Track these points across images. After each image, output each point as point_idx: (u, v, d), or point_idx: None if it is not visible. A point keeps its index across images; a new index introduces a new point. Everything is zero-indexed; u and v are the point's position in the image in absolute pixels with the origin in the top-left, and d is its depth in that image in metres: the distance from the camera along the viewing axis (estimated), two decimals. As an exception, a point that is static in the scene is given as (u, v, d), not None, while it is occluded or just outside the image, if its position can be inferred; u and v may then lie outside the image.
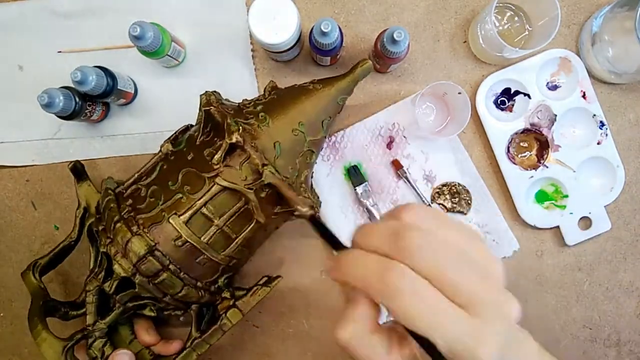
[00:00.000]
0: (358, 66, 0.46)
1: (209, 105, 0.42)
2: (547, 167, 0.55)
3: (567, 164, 0.55)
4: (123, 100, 0.54)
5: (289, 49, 0.50)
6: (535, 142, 0.55)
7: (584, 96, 0.54)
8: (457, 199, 0.55)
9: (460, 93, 0.50)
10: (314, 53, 0.52)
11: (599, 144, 0.54)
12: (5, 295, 0.58)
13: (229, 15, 0.55)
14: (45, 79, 0.52)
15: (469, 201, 0.55)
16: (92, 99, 0.51)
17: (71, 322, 0.49)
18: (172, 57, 0.52)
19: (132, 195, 0.44)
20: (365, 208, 0.54)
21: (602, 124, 0.54)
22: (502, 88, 0.55)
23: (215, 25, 0.55)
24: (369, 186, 0.55)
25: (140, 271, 0.41)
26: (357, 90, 0.56)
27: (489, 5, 0.49)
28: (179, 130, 0.49)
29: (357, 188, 0.54)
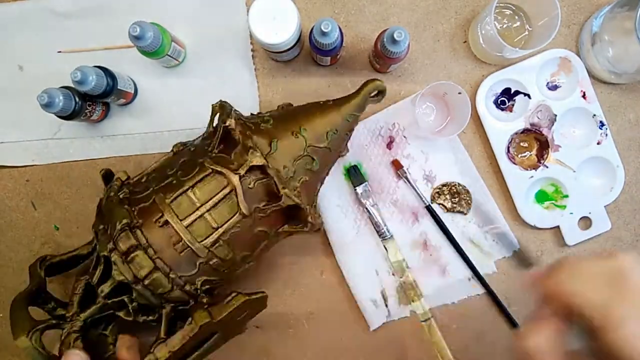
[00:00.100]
0: (367, 84, 0.46)
1: (219, 106, 0.44)
2: (547, 167, 0.55)
3: (567, 164, 0.55)
4: (123, 100, 0.54)
5: (289, 49, 0.50)
6: (535, 142, 0.55)
7: (584, 96, 0.54)
8: (457, 199, 0.55)
9: (460, 93, 0.50)
10: (314, 53, 0.52)
11: (599, 144, 0.54)
12: (5, 295, 0.58)
13: (229, 15, 0.55)
14: (45, 79, 0.52)
15: (469, 201, 0.55)
16: (92, 99, 0.51)
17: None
18: (172, 57, 0.52)
19: (134, 183, 0.46)
20: (365, 208, 0.54)
21: (602, 124, 0.54)
22: (502, 88, 0.55)
23: (215, 25, 0.55)
24: (369, 186, 0.55)
25: (117, 247, 0.41)
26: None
27: (489, 5, 0.49)
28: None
29: (357, 188, 0.54)
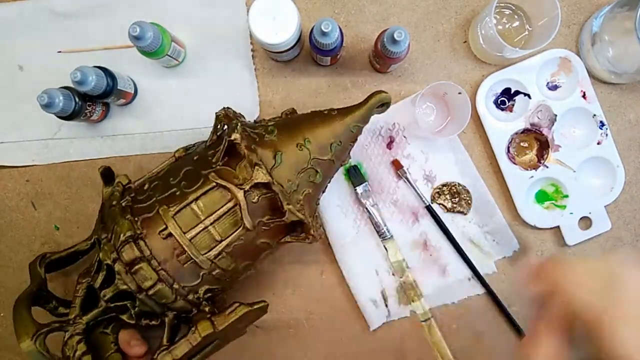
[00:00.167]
0: (373, 96, 0.45)
1: (223, 115, 0.44)
2: (547, 167, 0.55)
3: (567, 164, 0.55)
4: (123, 101, 0.54)
5: (289, 49, 0.50)
6: (536, 142, 0.55)
7: (584, 96, 0.54)
8: (457, 199, 0.55)
9: (460, 93, 0.50)
10: (314, 53, 0.52)
11: (599, 144, 0.54)
12: (5, 295, 0.58)
13: (229, 16, 0.55)
14: (45, 79, 0.51)
15: (469, 201, 0.55)
16: (92, 99, 0.51)
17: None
18: (172, 57, 0.52)
19: (136, 189, 0.45)
20: (365, 208, 0.54)
21: (602, 124, 0.54)
22: (502, 88, 0.55)
23: (215, 26, 0.55)
24: (369, 186, 0.55)
25: (121, 258, 0.40)
26: (357, 90, 0.56)
27: (489, 5, 0.49)
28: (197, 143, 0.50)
29: (357, 188, 0.54)
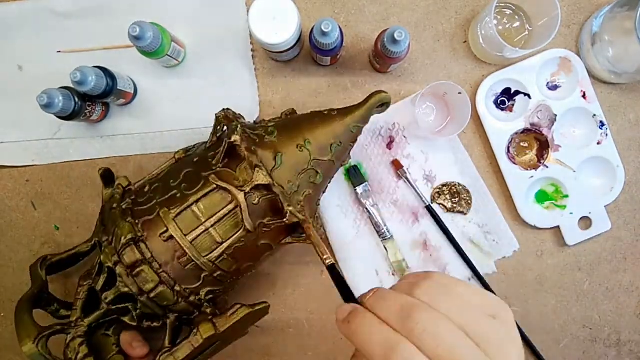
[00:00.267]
0: (373, 96, 0.45)
1: (223, 116, 0.44)
2: (547, 167, 0.55)
3: (567, 164, 0.55)
4: (123, 101, 0.54)
5: (289, 49, 0.50)
6: (536, 142, 0.55)
7: (584, 96, 0.54)
8: (457, 199, 0.55)
9: (460, 93, 0.50)
10: (314, 53, 0.52)
11: (599, 144, 0.54)
12: (5, 295, 0.58)
13: (229, 15, 0.55)
14: (45, 79, 0.51)
15: (469, 201, 0.55)
16: (92, 99, 0.51)
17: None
18: (172, 57, 0.52)
19: (137, 191, 0.45)
20: (365, 208, 0.54)
21: (602, 124, 0.54)
22: (502, 88, 0.55)
23: (215, 25, 0.55)
24: (369, 186, 0.55)
25: (122, 260, 0.40)
26: (357, 90, 0.56)
27: (489, 5, 0.49)
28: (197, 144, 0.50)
29: (357, 188, 0.54)
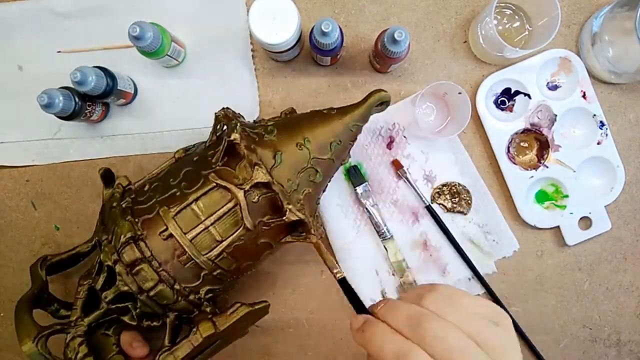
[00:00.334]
0: (372, 95, 0.45)
1: (223, 115, 0.44)
2: (547, 167, 0.55)
3: (567, 164, 0.55)
4: (123, 101, 0.54)
5: (289, 49, 0.50)
6: (536, 142, 0.55)
7: (584, 96, 0.54)
8: (457, 199, 0.55)
9: (460, 93, 0.50)
10: (314, 53, 0.52)
11: (599, 144, 0.54)
12: (5, 295, 0.58)
13: (229, 15, 0.55)
14: (45, 79, 0.51)
15: (469, 201, 0.55)
16: (92, 99, 0.51)
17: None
18: (172, 57, 0.52)
19: (137, 190, 0.45)
20: (365, 208, 0.54)
21: (602, 124, 0.54)
22: (502, 88, 0.55)
23: (215, 25, 0.55)
24: (369, 186, 0.55)
25: (121, 259, 0.40)
26: (357, 90, 0.56)
27: (489, 5, 0.49)
28: (196, 143, 0.50)
29: (357, 188, 0.54)
